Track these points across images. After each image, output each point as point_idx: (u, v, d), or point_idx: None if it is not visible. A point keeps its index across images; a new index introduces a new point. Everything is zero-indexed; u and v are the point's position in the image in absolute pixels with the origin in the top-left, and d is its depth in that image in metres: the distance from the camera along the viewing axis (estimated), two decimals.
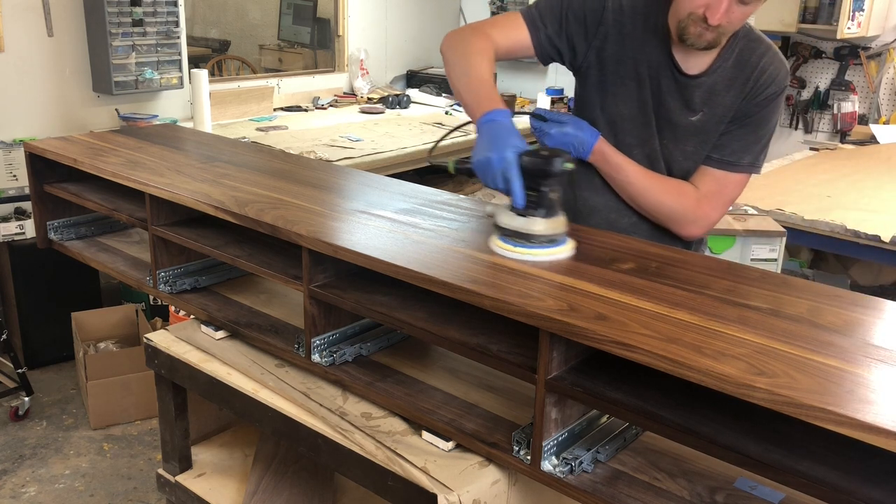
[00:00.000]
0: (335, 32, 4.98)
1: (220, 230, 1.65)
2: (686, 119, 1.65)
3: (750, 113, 1.63)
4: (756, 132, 1.65)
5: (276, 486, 1.60)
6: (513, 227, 1.29)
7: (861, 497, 0.90)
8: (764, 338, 1.02)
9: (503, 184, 1.30)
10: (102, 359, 3.10)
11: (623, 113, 1.68)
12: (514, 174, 1.29)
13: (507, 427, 1.25)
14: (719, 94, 1.62)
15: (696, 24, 1.50)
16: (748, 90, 1.61)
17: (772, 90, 1.62)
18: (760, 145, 1.67)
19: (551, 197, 1.28)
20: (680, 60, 1.61)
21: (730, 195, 1.70)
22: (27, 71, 3.47)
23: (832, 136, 4.75)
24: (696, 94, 1.63)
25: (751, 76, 1.61)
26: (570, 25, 1.66)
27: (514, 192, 1.28)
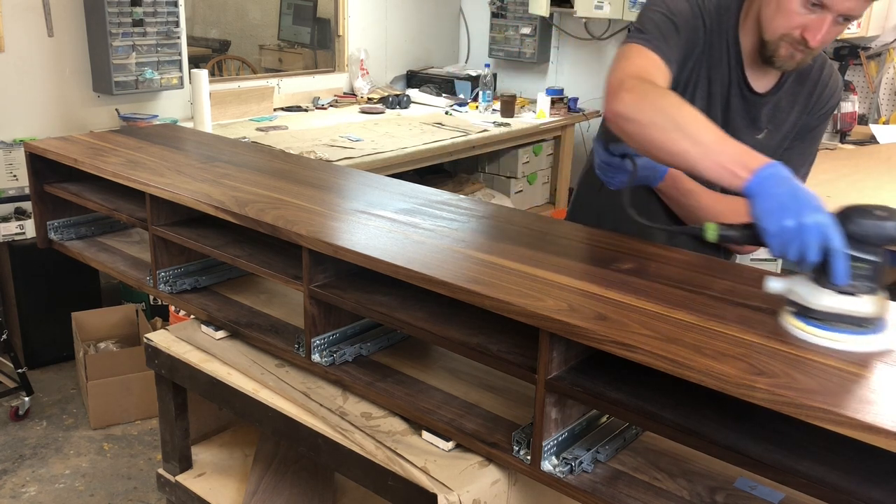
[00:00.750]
0: (335, 32, 4.98)
1: (220, 230, 1.65)
2: (752, 138, 1.60)
3: (811, 126, 1.62)
4: (814, 144, 1.64)
5: (276, 486, 1.60)
6: (835, 309, 1.02)
7: (861, 497, 0.90)
8: (764, 338, 1.02)
9: (818, 255, 1.03)
10: (102, 359, 3.10)
11: None
12: (839, 243, 1.02)
13: (507, 427, 1.25)
14: (783, 110, 1.60)
15: (790, 46, 1.44)
16: (812, 104, 1.59)
17: (832, 103, 1.61)
18: (813, 157, 1.66)
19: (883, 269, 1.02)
20: (750, 79, 1.57)
21: None
22: (27, 71, 3.47)
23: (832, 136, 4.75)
24: (763, 113, 1.60)
25: (813, 91, 1.58)
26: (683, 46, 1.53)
27: (836, 266, 1.02)
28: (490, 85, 4.75)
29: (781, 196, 1.09)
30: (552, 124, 4.62)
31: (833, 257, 1.02)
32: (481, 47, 5.55)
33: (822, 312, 1.02)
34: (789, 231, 1.06)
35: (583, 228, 1.48)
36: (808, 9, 1.39)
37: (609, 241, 1.41)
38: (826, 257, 1.02)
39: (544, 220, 1.57)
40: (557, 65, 5.38)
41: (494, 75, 5.05)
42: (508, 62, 5.41)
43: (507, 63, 5.43)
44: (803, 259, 1.05)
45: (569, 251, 1.34)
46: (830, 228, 1.03)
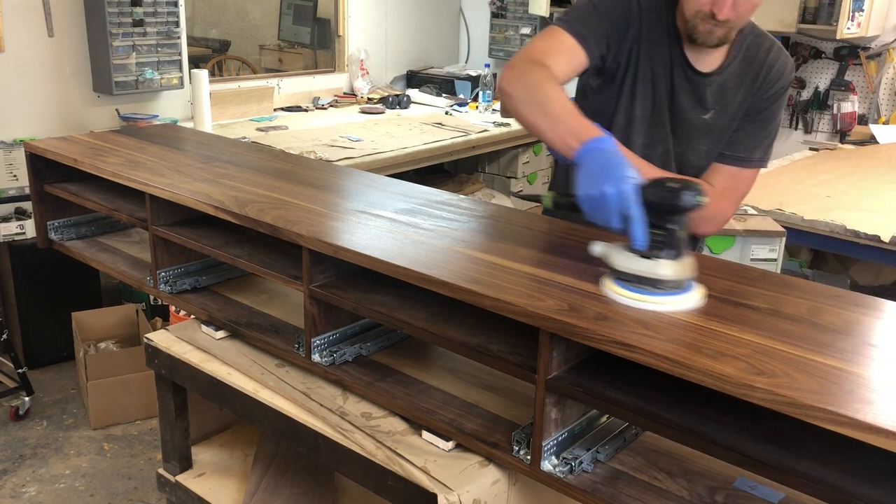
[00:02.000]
0: (335, 32, 4.98)
1: (220, 230, 1.65)
2: (699, 118, 1.66)
3: (760, 108, 1.65)
4: (766, 127, 1.67)
5: (276, 486, 1.60)
6: (635, 271, 1.12)
7: (861, 497, 0.90)
8: (764, 338, 1.02)
9: (620, 222, 1.14)
10: (102, 359, 3.10)
11: (638, 113, 1.68)
12: (637, 211, 1.12)
13: (507, 427, 1.25)
14: (730, 91, 1.64)
15: (704, 22, 1.51)
16: (758, 86, 1.63)
17: (780, 85, 1.64)
18: (769, 140, 1.69)
19: (679, 236, 1.12)
20: (692, 59, 1.63)
21: (743, 191, 1.72)
22: (27, 71, 3.47)
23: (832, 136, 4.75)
24: (708, 92, 1.64)
25: (759, 71, 1.63)
26: (607, 29, 1.62)
27: (635, 232, 1.12)
28: (490, 85, 4.75)
29: (595, 166, 1.20)
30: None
31: (630, 224, 1.12)
32: (481, 47, 5.55)
33: (626, 274, 1.13)
34: (595, 199, 1.17)
35: (583, 228, 1.48)
36: None
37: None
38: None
39: (544, 220, 1.57)
40: None
41: (494, 75, 5.05)
42: (506, 60, 5.41)
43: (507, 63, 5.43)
44: (608, 224, 1.16)
45: (569, 251, 1.34)
46: (629, 198, 1.12)
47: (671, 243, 1.11)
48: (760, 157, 1.69)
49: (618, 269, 1.14)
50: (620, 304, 1.10)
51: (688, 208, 1.10)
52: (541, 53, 1.54)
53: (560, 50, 1.56)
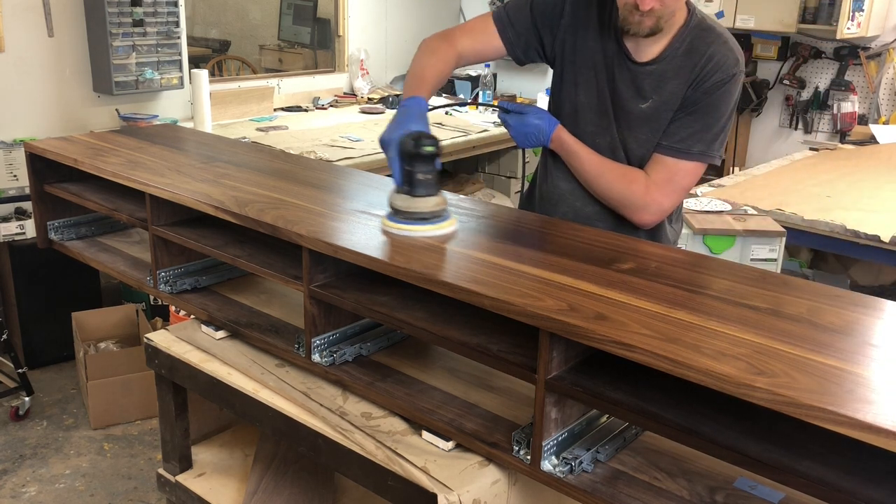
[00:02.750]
0: (335, 32, 4.98)
1: (220, 230, 1.65)
2: (637, 107, 1.68)
3: (697, 101, 1.64)
4: (704, 119, 1.65)
5: (276, 486, 1.60)
6: (393, 205, 1.41)
7: (861, 497, 0.90)
8: (764, 338, 1.02)
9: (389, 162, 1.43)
10: (102, 359, 3.10)
11: (583, 102, 1.73)
12: (393, 155, 1.42)
13: (507, 427, 1.25)
14: (668, 81, 1.65)
15: (632, 14, 1.55)
16: (694, 77, 1.63)
17: (718, 77, 1.62)
18: (712, 133, 1.66)
19: (419, 178, 1.38)
20: (631, 49, 1.66)
21: (681, 182, 1.70)
22: (27, 71, 3.47)
23: (832, 136, 4.75)
24: (647, 82, 1.66)
25: (697, 63, 1.63)
26: (536, 20, 1.73)
27: (392, 171, 1.42)
28: (490, 85, 4.75)
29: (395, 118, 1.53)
30: None
31: (390, 164, 1.42)
32: None
33: (392, 208, 1.41)
34: (383, 142, 1.46)
35: (583, 228, 1.48)
36: None
37: (609, 241, 1.41)
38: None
39: (544, 220, 1.57)
40: None
41: (494, 75, 5.05)
42: (508, 62, 5.39)
43: (507, 63, 5.41)
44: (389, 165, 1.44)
45: (569, 251, 1.34)
46: (391, 145, 1.43)
47: (415, 182, 1.38)
48: (702, 151, 1.65)
49: (391, 205, 1.41)
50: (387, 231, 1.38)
51: (420, 155, 1.37)
52: (459, 29, 1.80)
53: (475, 29, 1.78)
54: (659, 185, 1.67)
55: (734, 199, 2.99)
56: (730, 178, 3.53)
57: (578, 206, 1.78)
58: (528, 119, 1.73)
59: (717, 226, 2.66)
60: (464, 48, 1.76)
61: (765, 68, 5.01)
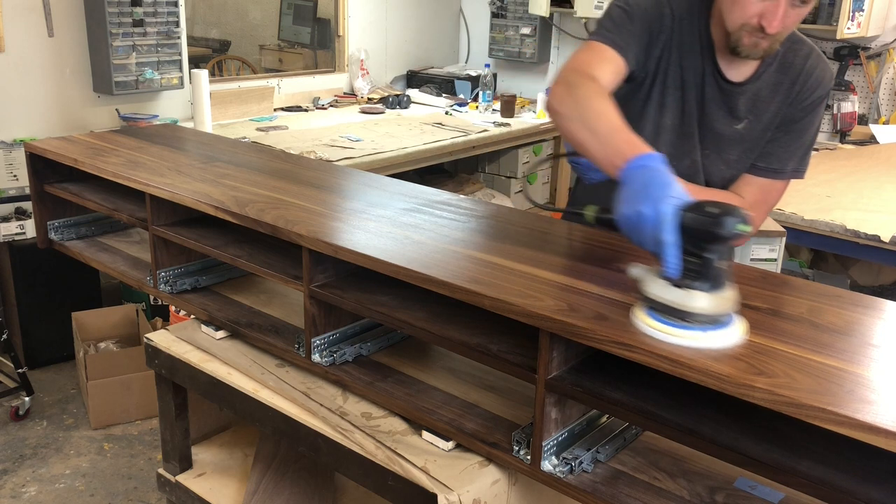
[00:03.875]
0: (335, 32, 4.98)
1: (220, 230, 1.65)
2: (730, 128, 1.61)
3: (795, 118, 1.60)
4: (801, 137, 1.61)
5: (276, 486, 1.60)
6: (666, 300, 1.02)
7: (861, 497, 0.90)
8: (764, 338, 1.02)
9: (654, 246, 1.05)
10: (103, 359, 3.10)
11: (666, 124, 1.64)
12: (670, 235, 1.02)
13: (507, 427, 1.25)
14: (764, 100, 1.58)
15: (750, 34, 1.45)
16: (794, 94, 1.58)
17: (819, 93, 1.59)
18: (804, 150, 1.63)
19: (718, 266, 1.01)
20: (724, 68, 1.57)
21: (773, 202, 1.68)
22: (27, 71, 3.47)
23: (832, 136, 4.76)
24: (741, 102, 1.59)
25: (797, 80, 1.57)
26: (641, 37, 1.57)
27: (667, 258, 1.02)
28: (490, 85, 4.75)
29: (636, 185, 1.11)
30: (552, 124, 4.61)
31: (662, 248, 1.02)
32: (481, 47, 5.55)
33: (656, 303, 1.03)
34: (631, 219, 1.09)
35: (583, 228, 1.48)
36: None
37: (609, 241, 1.41)
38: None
39: (544, 220, 1.57)
40: (557, 65, 5.38)
41: (494, 75, 5.05)
42: (508, 62, 5.41)
43: (507, 63, 5.43)
44: (643, 247, 1.08)
45: (569, 251, 1.34)
46: (664, 220, 1.03)
47: (707, 273, 1.00)
48: (794, 168, 1.63)
49: (648, 296, 1.04)
50: (647, 335, 1.01)
51: (727, 237, 0.99)
52: (586, 65, 1.47)
53: (603, 59, 1.51)
54: (754, 207, 1.62)
55: None
56: None
57: None
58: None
59: None
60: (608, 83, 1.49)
61: None
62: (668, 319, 1.01)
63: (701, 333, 0.99)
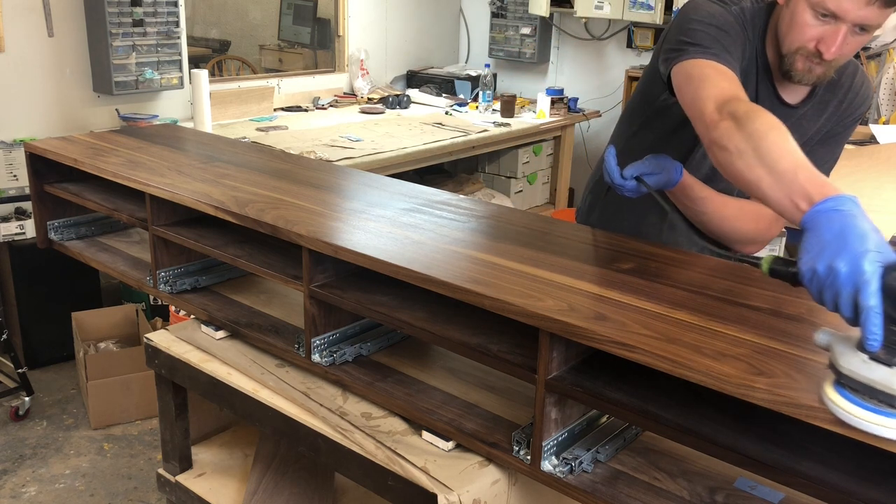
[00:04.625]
0: (335, 32, 4.98)
1: (220, 230, 1.65)
2: None
3: (835, 132, 1.58)
4: (834, 150, 1.60)
5: (276, 486, 1.60)
6: (865, 378, 0.84)
7: (861, 497, 0.90)
8: (764, 338, 1.02)
9: (851, 310, 0.88)
10: (102, 359, 3.10)
11: None
12: (873, 299, 0.85)
13: (507, 427, 1.25)
14: (810, 120, 1.56)
15: (805, 59, 1.40)
16: (840, 112, 1.56)
17: (862, 109, 1.57)
18: (834, 160, 1.62)
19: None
20: (781, 91, 1.53)
21: None
22: (27, 71, 3.47)
23: None
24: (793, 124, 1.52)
25: (845, 98, 1.55)
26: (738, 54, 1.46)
27: (868, 327, 0.85)
28: (490, 85, 4.75)
29: (827, 235, 0.95)
30: (552, 124, 4.62)
31: (863, 315, 0.85)
32: (481, 47, 5.55)
33: (850, 379, 0.85)
34: (821, 275, 0.92)
35: (583, 228, 1.48)
36: (820, 20, 1.34)
37: (609, 241, 1.41)
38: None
39: (544, 220, 1.57)
40: (557, 65, 5.38)
41: (494, 75, 5.05)
42: (508, 62, 5.41)
43: (507, 63, 5.43)
44: (836, 310, 0.91)
45: (569, 251, 1.34)
46: (867, 281, 0.86)
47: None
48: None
49: (842, 371, 0.86)
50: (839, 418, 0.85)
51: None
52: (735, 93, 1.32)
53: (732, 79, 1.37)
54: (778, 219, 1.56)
55: None
56: None
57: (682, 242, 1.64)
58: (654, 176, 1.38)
59: None
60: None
61: None
62: (867, 402, 0.84)
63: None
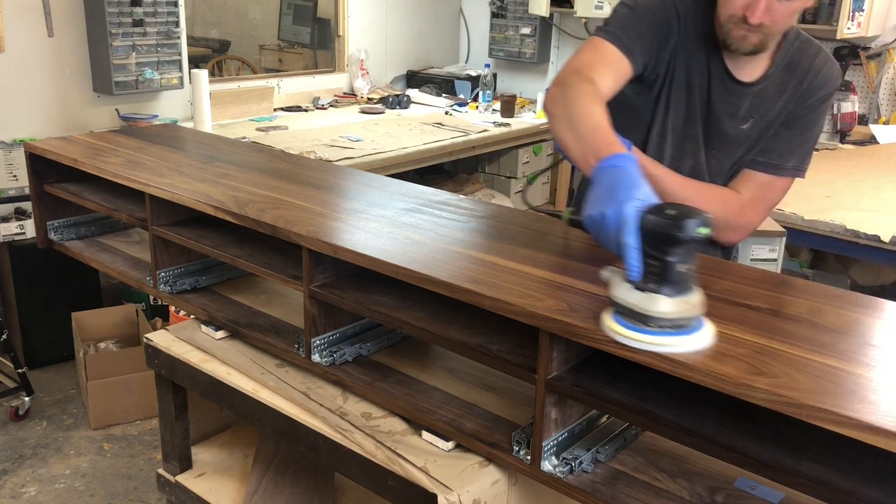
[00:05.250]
0: (335, 32, 4.98)
1: (220, 230, 1.65)
2: (736, 128, 1.61)
3: (799, 115, 1.60)
4: (803, 134, 1.61)
5: (276, 486, 1.60)
6: (627, 302, 1.00)
7: (861, 497, 0.90)
8: (764, 338, 1.02)
9: (616, 248, 1.05)
10: (102, 359, 3.10)
11: (670, 126, 1.64)
12: (631, 237, 1.01)
13: (507, 427, 1.25)
14: (770, 99, 1.59)
15: (738, 27, 1.46)
16: (801, 92, 1.58)
17: (825, 91, 1.59)
18: (807, 148, 1.63)
19: (679, 270, 0.98)
20: (732, 68, 1.57)
21: (773, 200, 1.67)
22: (27, 71, 3.47)
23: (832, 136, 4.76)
24: (749, 102, 1.59)
25: (804, 78, 1.57)
26: (649, 37, 1.57)
27: (628, 261, 1.01)
28: (490, 85, 4.75)
29: (604, 186, 1.12)
30: None
31: (622, 251, 1.02)
32: (481, 47, 5.55)
33: (619, 306, 1.01)
34: (595, 220, 1.09)
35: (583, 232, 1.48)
36: None
37: None
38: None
39: (544, 220, 1.57)
40: (557, 65, 5.38)
41: (494, 75, 5.05)
42: (508, 62, 5.41)
43: (508, 63, 5.43)
44: (608, 249, 1.08)
45: (569, 251, 1.34)
46: (626, 222, 1.02)
47: (668, 277, 0.98)
48: (796, 166, 1.62)
49: (613, 299, 1.03)
50: (613, 339, 1.00)
51: (687, 240, 0.97)
52: (587, 67, 1.48)
53: (605, 62, 1.51)
54: (752, 203, 1.63)
55: None
56: None
57: None
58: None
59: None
60: (606, 88, 1.48)
61: None
62: (631, 323, 0.99)
63: (664, 338, 0.97)
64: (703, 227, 0.97)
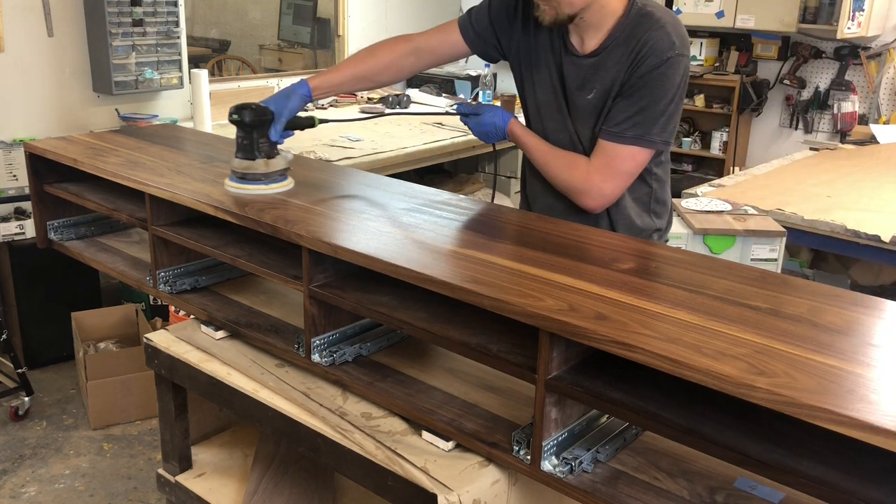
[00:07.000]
0: (335, 32, 4.98)
1: (220, 230, 1.65)
2: (584, 98, 1.71)
3: (633, 85, 1.64)
4: (639, 103, 1.63)
5: (276, 486, 1.60)
6: (232, 166, 1.63)
7: (861, 497, 0.90)
8: (764, 338, 1.02)
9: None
10: (102, 359, 3.10)
11: (542, 100, 1.78)
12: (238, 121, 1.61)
13: (507, 427, 1.25)
14: (607, 70, 1.67)
15: (535, 3, 1.62)
16: (630, 62, 1.64)
17: (652, 61, 1.61)
18: (648, 118, 1.63)
19: (240, 142, 1.62)
20: (575, 43, 1.70)
21: (621, 167, 1.68)
22: (27, 71, 3.47)
23: (832, 136, 4.76)
24: (589, 73, 1.69)
25: (634, 47, 1.63)
26: (493, 22, 1.80)
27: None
28: (490, 85, 4.75)
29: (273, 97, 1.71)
30: None
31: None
32: None
33: (232, 170, 1.64)
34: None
35: (584, 228, 1.48)
36: None
37: (609, 240, 1.41)
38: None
39: (544, 220, 1.57)
40: None
41: (494, 75, 5.05)
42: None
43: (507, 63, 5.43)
44: None
45: (568, 251, 1.34)
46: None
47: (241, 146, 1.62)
48: (639, 135, 1.64)
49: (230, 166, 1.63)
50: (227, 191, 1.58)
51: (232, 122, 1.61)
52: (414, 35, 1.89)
53: (438, 28, 1.88)
54: (599, 169, 1.69)
55: (734, 199, 2.99)
56: (730, 178, 3.53)
57: (551, 202, 1.81)
58: (484, 119, 1.81)
59: (718, 226, 2.66)
60: (420, 42, 1.85)
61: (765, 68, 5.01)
62: (235, 178, 1.62)
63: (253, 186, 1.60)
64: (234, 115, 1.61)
